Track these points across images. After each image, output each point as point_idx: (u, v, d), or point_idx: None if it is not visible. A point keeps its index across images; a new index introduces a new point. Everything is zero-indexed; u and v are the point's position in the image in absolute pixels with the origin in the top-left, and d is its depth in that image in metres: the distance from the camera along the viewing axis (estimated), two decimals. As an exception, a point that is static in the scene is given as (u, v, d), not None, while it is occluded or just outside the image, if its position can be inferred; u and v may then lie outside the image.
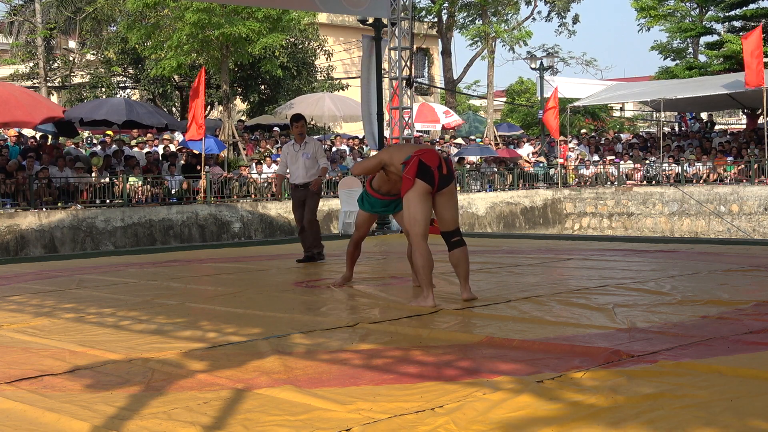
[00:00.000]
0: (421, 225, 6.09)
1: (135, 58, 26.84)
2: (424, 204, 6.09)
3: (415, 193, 6.07)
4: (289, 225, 19.10)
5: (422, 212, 6.09)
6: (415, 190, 6.07)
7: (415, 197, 6.07)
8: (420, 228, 6.08)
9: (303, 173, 9.58)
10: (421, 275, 6.15)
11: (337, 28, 36.01)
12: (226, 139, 21.40)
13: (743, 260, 8.76)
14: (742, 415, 3.25)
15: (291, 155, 9.66)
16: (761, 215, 21.73)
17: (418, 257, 6.12)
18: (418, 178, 6.05)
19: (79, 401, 3.76)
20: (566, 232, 24.09)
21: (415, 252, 6.16)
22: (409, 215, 6.12)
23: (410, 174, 6.08)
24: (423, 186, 6.06)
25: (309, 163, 9.57)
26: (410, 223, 6.12)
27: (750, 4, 30.81)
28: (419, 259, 6.12)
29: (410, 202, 6.10)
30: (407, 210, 6.14)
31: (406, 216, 6.18)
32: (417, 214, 6.07)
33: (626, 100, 33.94)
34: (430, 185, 6.08)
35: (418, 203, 6.07)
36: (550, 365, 4.15)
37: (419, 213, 6.08)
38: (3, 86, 18.32)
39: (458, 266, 6.31)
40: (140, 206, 17.33)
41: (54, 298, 7.25)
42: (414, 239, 6.13)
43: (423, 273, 6.12)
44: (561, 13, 33.90)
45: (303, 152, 9.55)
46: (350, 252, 7.40)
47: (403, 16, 14.39)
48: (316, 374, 4.16)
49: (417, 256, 6.14)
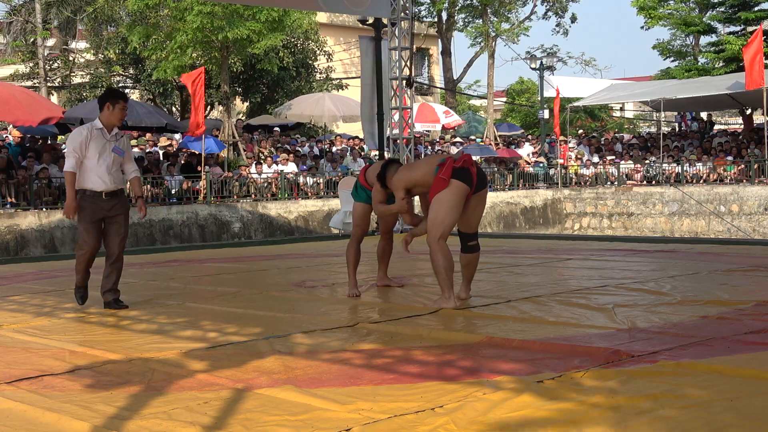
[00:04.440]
0: (447, 228, 5.87)
1: (135, 59, 26.83)
2: (457, 208, 5.86)
3: (450, 195, 5.82)
4: (288, 225, 19.11)
5: (452, 217, 5.87)
6: (451, 191, 5.83)
7: (450, 199, 5.83)
8: (444, 231, 5.87)
9: (113, 176, 6.52)
10: (443, 276, 5.96)
11: (337, 28, 36.01)
12: (226, 139, 21.40)
13: (743, 260, 8.76)
14: (742, 415, 3.25)
15: (96, 145, 6.43)
16: (761, 215, 21.73)
17: (441, 258, 5.90)
18: (456, 178, 5.83)
19: (79, 401, 3.76)
20: (566, 232, 24.09)
21: (437, 253, 5.90)
22: (436, 216, 5.87)
23: (446, 175, 5.83)
24: (461, 187, 5.83)
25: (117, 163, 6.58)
26: (435, 223, 5.87)
27: (751, 7, 30.79)
28: (441, 260, 5.90)
29: (442, 204, 5.84)
30: (436, 210, 5.88)
31: (432, 216, 5.92)
32: (446, 217, 5.85)
33: (626, 100, 33.95)
34: (469, 186, 5.89)
35: (450, 206, 5.83)
36: (550, 365, 4.15)
37: (449, 217, 5.86)
38: (3, 86, 18.32)
39: (467, 268, 6.27)
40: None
41: (54, 298, 7.25)
42: (434, 241, 5.89)
43: (445, 274, 5.94)
44: (559, 13, 33.89)
45: (115, 144, 6.57)
46: (353, 255, 6.89)
47: (403, 16, 14.39)
48: (316, 374, 4.16)
49: (439, 257, 5.90)
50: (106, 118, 6.55)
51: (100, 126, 6.52)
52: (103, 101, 6.60)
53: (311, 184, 20.59)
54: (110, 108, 6.53)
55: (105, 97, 6.65)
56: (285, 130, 26.43)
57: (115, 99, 6.58)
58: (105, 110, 6.55)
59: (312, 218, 19.58)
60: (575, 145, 28.05)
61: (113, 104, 6.54)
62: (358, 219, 6.97)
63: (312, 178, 20.73)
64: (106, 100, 6.58)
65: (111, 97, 6.61)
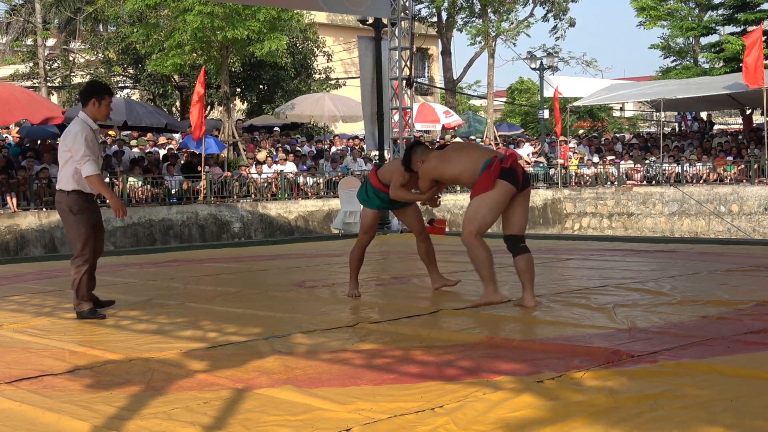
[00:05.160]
0: (485, 226, 5.81)
1: (135, 58, 26.83)
2: (499, 208, 5.81)
3: (497, 195, 5.76)
4: (288, 225, 19.11)
5: (492, 215, 5.82)
6: (497, 191, 5.77)
7: (496, 199, 5.76)
8: (481, 227, 5.80)
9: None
10: (485, 270, 5.86)
11: (336, 28, 36.01)
12: (226, 139, 21.40)
13: (743, 260, 8.76)
14: (742, 415, 3.25)
15: (94, 145, 6.13)
16: (761, 215, 21.73)
17: (479, 251, 5.81)
18: (503, 179, 5.76)
19: (79, 401, 3.76)
20: (566, 232, 24.07)
21: (474, 248, 5.82)
22: (476, 212, 5.80)
23: (494, 176, 5.76)
24: (508, 188, 5.78)
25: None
26: (474, 219, 5.80)
27: (751, 8, 30.77)
28: (480, 253, 5.81)
29: (485, 201, 5.78)
30: (477, 207, 5.81)
31: (471, 212, 5.84)
32: (487, 214, 5.80)
33: (626, 100, 33.93)
34: (515, 186, 5.82)
35: (493, 205, 5.77)
36: (550, 365, 4.15)
37: (489, 215, 5.81)
38: (3, 86, 18.31)
39: (525, 272, 6.02)
40: (140, 206, 17.33)
41: (54, 298, 7.25)
42: (470, 236, 5.80)
43: (487, 268, 5.85)
44: (559, 16, 33.86)
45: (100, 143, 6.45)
46: (356, 258, 6.74)
47: (403, 16, 14.39)
48: (316, 374, 4.16)
49: (479, 253, 5.81)
50: (92, 114, 6.11)
51: (95, 126, 6.11)
52: (88, 96, 6.13)
53: (311, 184, 20.60)
54: (96, 104, 6.11)
55: (90, 92, 6.17)
56: (285, 129, 26.42)
57: (101, 94, 6.13)
58: (90, 106, 6.12)
59: (312, 218, 19.58)
60: (575, 145, 28.04)
61: (99, 100, 6.11)
62: (366, 226, 6.67)
63: (312, 178, 20.74)
64: (91, 96, 6.12)
65: (97, 92, 6.15)
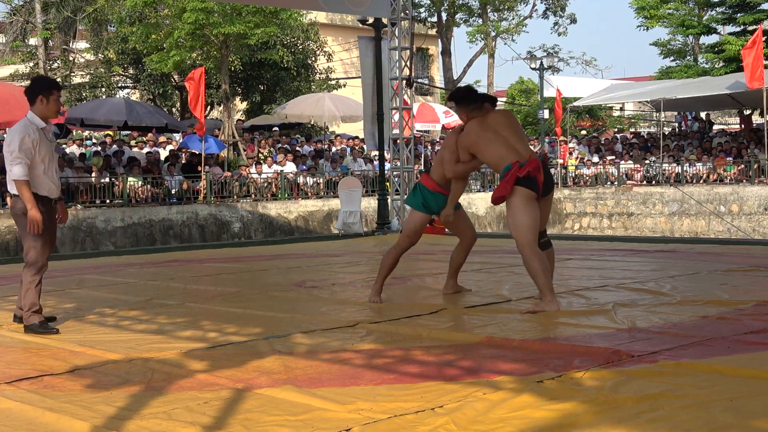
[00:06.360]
0: (531, 230, 5.79)
1: (135, 58, 26.83)
2: (531, 209, 5.81)
3: (518, 200, 5.79)
4: (288, 225, 19.11)
5: (531, 217, 5.80)
6: (517, 197, 5.79)
7: (520, 203, 5.78)
8: (530, 235, 5.77)
9: (59, 180, 5.94)
10: (542, 280, 5.82)
11: (337, 28, 36.01)
12: (226, 139, 21.40)
13: (743, 260, 8.76)
14: (742, 415, 3.25)
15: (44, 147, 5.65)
16: (761, 215, 21.73)
17: (535, 261, 5.78)
18: (520, 185, 5.76)
19: (79, 401, 3.76)
20: (566, 232, 24.07)
21: (530, 258, 5.77)
22: (515, 222, 5.80)
23: (510, 182, 5.76)
24: (525, 192, 5.79)
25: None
26: (519, 229, 5.79)
27: (751, 8, 30.77)
28: (536, 263, 5.78)
29: (515, 209, 5.81)
30: (512, 216, 5.82)
31: (512, 223, 5.84)
32: (526, 219, 5.78)
33: (626, 100, 33.92)
34: (535, 191, 5.82)
35: (524, 208, 5.78)
36: (550, 365, 4.15)
37: (528, 218, 5.79)
38: (3, 86, 18.32)
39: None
40: (140, 206, 17.33)
41: (54, 298, 7.25)
42: (524, 247, 5.78)
43: (541, 277, 5.82)
44: (558, 12, 33.86)
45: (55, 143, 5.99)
46: (390, 262, 6.50)
47: (403, 16, 14.39)
48: (316, 374, 4.16)
49: (534, 263, 5.78)
50: (41, 112, 5.62)
51: (43, 125, 5.60)
52: (35, 93, 5.61)
53: (311, 184, 20.60)
54: (44, 101, 5.60)
55: (37, 89, 5.65)
56: (284, 129, 26.42)
57: (48, 90, 5.62)
58: (38, 104, 5.60)
59: (312, 218, 19.57)
60: (576, 146, 28.03)
61: (47, 96, 5.60)
62: (412, 231, 6.48)
63: (312, 178, 20.74)
64: (38, 93, 5.61)
65: (43, 88, 5.65)
